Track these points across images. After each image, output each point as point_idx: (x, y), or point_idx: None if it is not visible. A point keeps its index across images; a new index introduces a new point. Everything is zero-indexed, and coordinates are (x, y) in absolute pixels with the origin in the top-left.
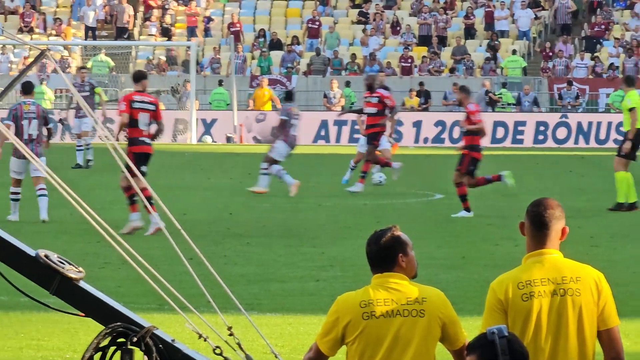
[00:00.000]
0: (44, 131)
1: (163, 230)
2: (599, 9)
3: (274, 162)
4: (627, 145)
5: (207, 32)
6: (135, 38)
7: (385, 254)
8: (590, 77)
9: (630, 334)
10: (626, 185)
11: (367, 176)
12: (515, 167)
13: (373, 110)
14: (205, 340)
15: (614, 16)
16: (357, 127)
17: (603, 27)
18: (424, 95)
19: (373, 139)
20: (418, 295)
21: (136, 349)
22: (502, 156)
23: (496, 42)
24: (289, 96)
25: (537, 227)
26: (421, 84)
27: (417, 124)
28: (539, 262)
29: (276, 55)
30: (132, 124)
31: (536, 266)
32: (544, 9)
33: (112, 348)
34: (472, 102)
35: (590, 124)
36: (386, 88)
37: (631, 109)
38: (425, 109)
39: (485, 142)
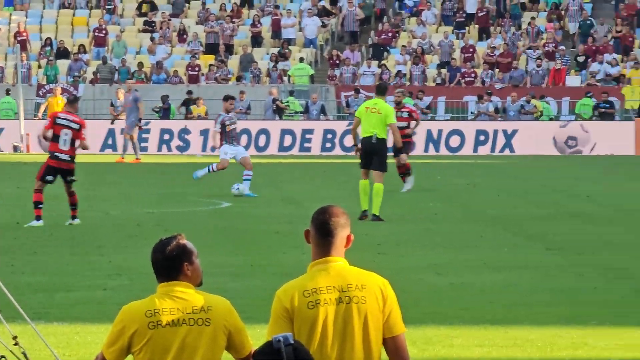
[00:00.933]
0: None
1: None
2: (385, 16)
3: None
4: (356, 153)
5: None
6: None
7: (170, 263)
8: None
9: (417, 341)
10: (362, 193)
11: None
12: (302, 174)
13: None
14: None
15: (403, 24)
16: (145, 135)
17: (390, 34)
18: (189, 104)
19: None
20: (204, 304)
21: None
22: (290, 164)
23: (287, 50)
24: None
25: (322, 234)
26: (189, 92)
27: (204, 133)
28: (324, 270)
29: (63, 64)
30: None
31: (322, 274)
32: (333, 16)
33: None
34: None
35: None
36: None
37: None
38: (192, 119)
39: (273, 149)
